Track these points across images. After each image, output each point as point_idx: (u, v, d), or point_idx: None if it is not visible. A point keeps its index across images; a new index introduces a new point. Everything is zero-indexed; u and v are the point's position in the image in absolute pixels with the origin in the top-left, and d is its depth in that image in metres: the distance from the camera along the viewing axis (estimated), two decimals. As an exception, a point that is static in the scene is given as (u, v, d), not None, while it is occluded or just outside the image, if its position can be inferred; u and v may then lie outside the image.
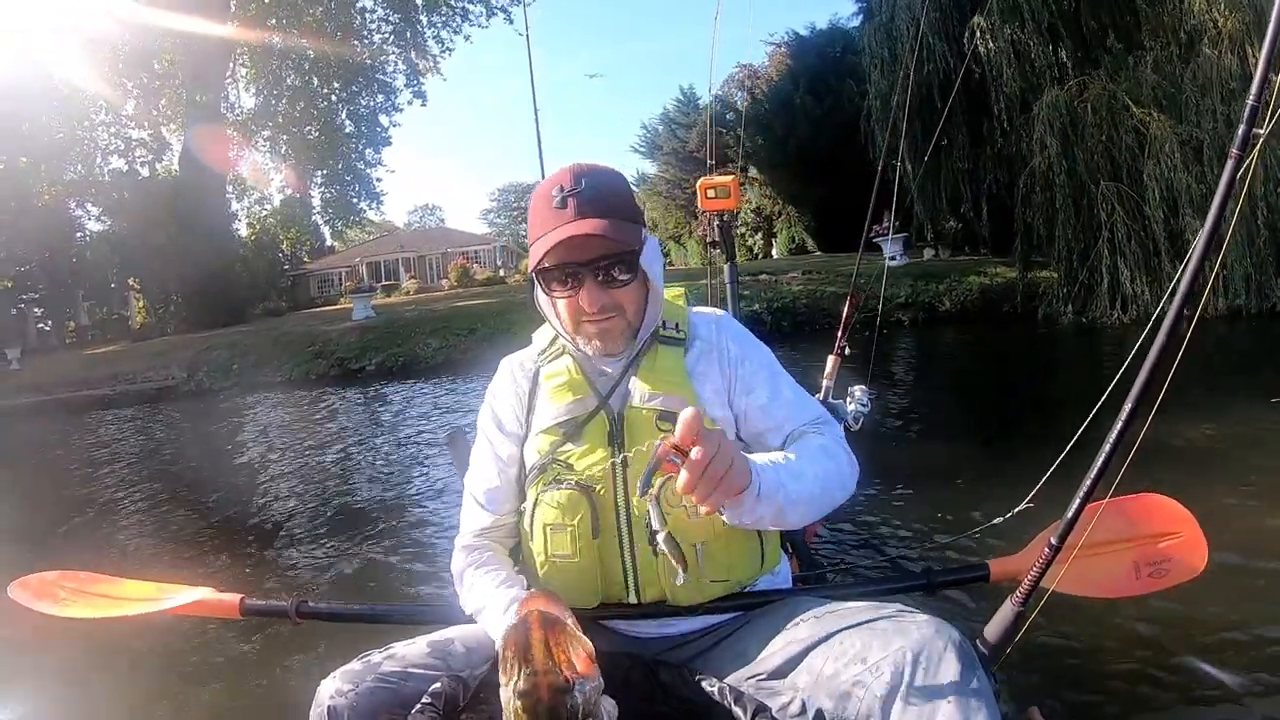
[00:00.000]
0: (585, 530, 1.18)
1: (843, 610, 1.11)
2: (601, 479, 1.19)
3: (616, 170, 1.26)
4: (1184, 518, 1.37)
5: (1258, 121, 1.08)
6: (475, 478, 1.32)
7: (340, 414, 9.68)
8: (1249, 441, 3.69)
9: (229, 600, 1.54)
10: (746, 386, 1.28)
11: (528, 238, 1.25)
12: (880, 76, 12.69)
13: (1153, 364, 1.13)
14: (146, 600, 1.59)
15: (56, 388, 15.20)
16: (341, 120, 24.31)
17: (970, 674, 0.94)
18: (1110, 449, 1.17)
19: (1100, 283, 9.54)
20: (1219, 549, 1.40)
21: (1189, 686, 1.95)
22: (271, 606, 1.55)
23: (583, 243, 1.15)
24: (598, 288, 1.18)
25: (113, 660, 2.77)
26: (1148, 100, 9.16)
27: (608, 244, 1.16)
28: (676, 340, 1.28)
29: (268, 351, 14.28)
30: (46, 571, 1.65)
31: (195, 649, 2.85)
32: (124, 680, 2.73)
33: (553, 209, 1.18)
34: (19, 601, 1.58)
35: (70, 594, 1.61)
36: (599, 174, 1.21)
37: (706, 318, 1.36)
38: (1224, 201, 1.10)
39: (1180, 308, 1.12)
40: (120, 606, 1.59)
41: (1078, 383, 6.68)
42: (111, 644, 2.76)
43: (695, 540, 1.16)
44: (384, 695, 1.06)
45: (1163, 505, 1.40)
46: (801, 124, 19.29)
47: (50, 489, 6.95)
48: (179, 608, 1.55)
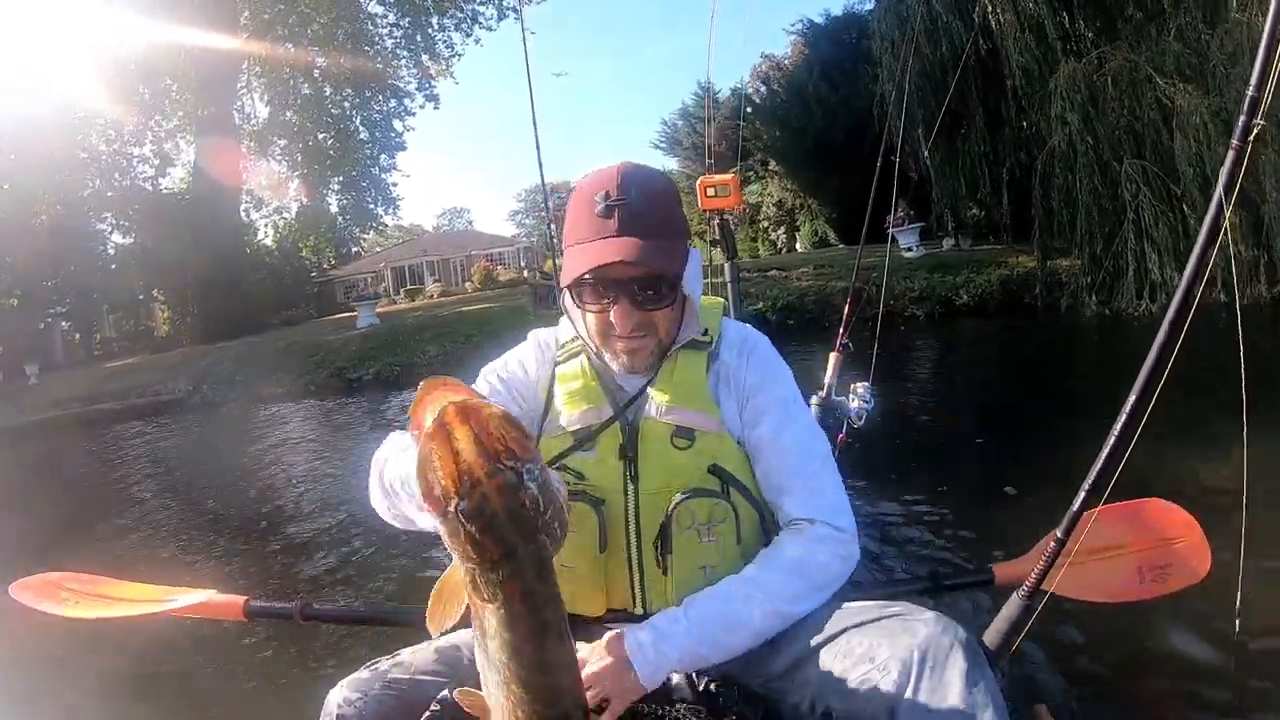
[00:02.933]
0: (592, 542, 1.14)
1: (849, 610, 1.09)
2: (612, 491, 1.16)
3: (666, 177, 1.22)
4: (1187, 523, 1.38)
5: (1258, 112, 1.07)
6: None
7: (330, 424, 9.65)
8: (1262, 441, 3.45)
9: (233, 601, 1.52)
10: (753, 420, 1.20)
11: (564, 239, 1.18)
12: (892, 60, 11.97)
13: (1152, 365, 1.13)
14: (150, 602, 1.57)
15: (70, 403, 15.39)
16: (355, 126, 24.28)
17: (977, 672, 0.93)
18: (1111, 452, 1.19)
19: (1126, 270, 8.79)
20: (1223, 550, 1.38)
21: (1192, 687, 1.94)
22: (276, 608, 1.54)
23: (623, 263, 1.09)
24: (634, 309, 1.13)
25: (114, 662, 2.77)
26: (1171, 71, 8.37)
27: (650, 267, 1.10)
28: (702, 344, 1.22)
29: (271, 362, 14.27)
30: (49, 573, 1.63)
31: (198, 651, 2.87)
32: (126, 682, 2.74)
33: (595, 215, 1.11)
34: (21, 602, 1.57)
35: (73, 595, 1.59)
36: (648, 183, 1.15)
37: (735, 337, 1.27)
38: (1224, 195, 1.09)
39: (1180, 307, 1.11)
40: (123, 608, 1.57)
41: (1095, 380, 6.28)
42: (113, 646, 2.73)
43: (705, 563, 1.14)
44: (392, 704, 1.05)
45: (1166, 510, 1.40)
46: (817, 114, 18.58)
47: (50, 502, 7.11)
48: (182, 609, 1.54)
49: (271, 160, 24.28)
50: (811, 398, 2.20)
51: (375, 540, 3.96)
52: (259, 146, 23.77)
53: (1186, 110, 8.06)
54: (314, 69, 22.30)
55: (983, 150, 11.50)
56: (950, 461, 4.34)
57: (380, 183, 25.07)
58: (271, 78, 22.65)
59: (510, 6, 22.79)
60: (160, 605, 1.55)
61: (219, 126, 21.55)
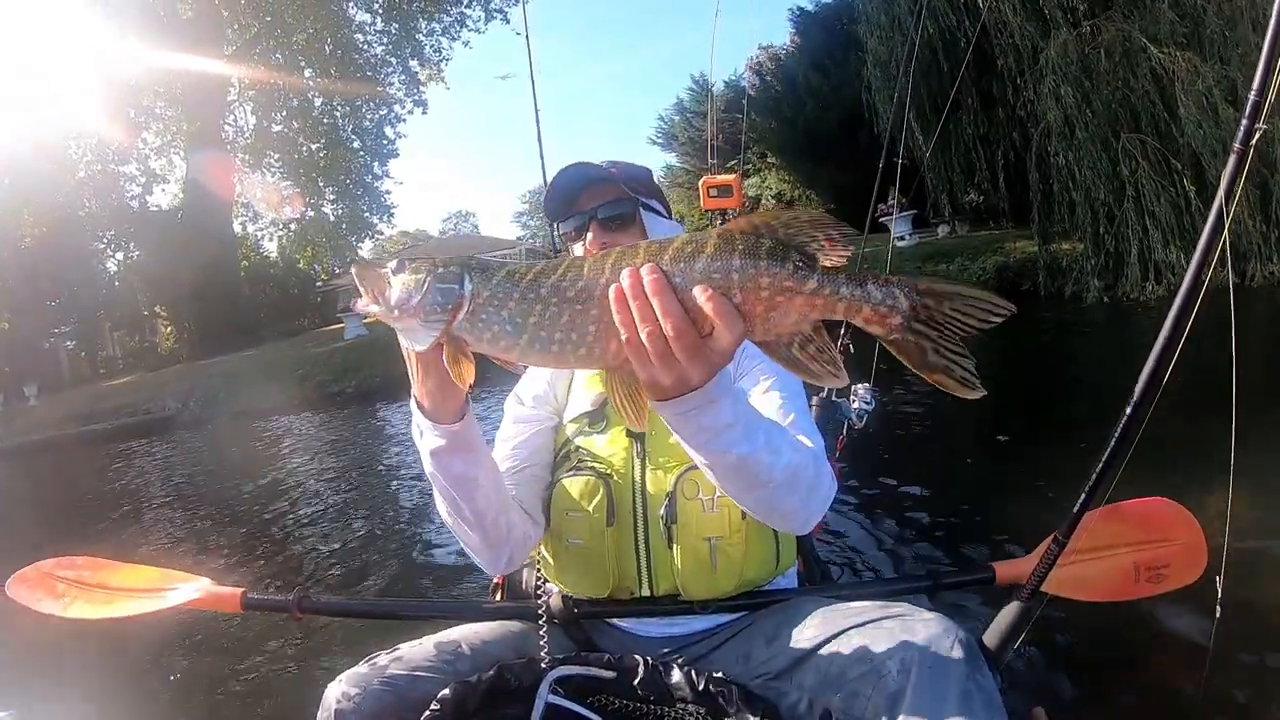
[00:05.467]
0: (600, 517, 1.19)
1: (849, 610, 1.09)
2: (621, 467, 1.21)
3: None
4: (1186, 522, 1.37)
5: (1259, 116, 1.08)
6: (496, 453, 1.30)
7: (316, 437, 9.62)
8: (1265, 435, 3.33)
9: (230, 594, 1.50)
10: (743, 370, 1.28)
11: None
12: (879, 44, 11.59)
13: (1152, 367, 1.16)
14: (147, 592, 1.57)
15: (65, 423, 15.28)
16: (347, 135, 24.07)
17: (976, 673, 0.93)
18: (1111, 452, 1.20)
19: (1129, 251, 8.36)
20: (1216, 553, 1.37)
21: (1191, 688, 1.91)
22: (273, 601, 1.52)
23: (586, 193, 1.30)
24: (601, 230, 1.28)
25: (111, 655, 2.75)
26: (1166, 38, 7.91)
27: (609, 190, 1.29)
28: None
29: (258, 377, 14.11)
30: (42, 561, 1.62)
31: (195, 644, 2.87)
32: (122, 675, 2.73)
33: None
34: (19, 600, 1.56)
35: (69, 585, 1.59)
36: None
37: None
38: (1225, 201, 1.09)
39: (1179, 312, 1.14)
40: (120, 601, 1.57)
41: (1101, 370, 6.07)
42: (109, 638, 2.67)
43: (710, 535, 1.17)
44: (391, 699, 1.05)
45: (1166, 509, 1.39)
46: (809, 103, 18.11)
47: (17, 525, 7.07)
48: (179, 604, 1.52)
49: (266, 172, 24.13)
50: (812, 398, 2.16)
51: (373, 535, 4.07)
52: (253, 159, 23.62)
53: (1185, 79, 7.61)
54: (302, 80, 22.09)
55: (978, 132, 11.08)
56: (951, 461, 4.33)
57: (374, 191, 24.85)
58: (260, 90, 22.46)
59: (496, 9, 22.55)
60: (157, 600, 1.54)
61: (209, 141, 21.43)
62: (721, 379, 0.85)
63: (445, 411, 0.99)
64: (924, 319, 0.75)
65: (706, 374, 0.81)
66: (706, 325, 0.77)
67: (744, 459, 0.92)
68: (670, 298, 0.75)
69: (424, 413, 1.00)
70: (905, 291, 0.75)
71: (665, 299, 0.75)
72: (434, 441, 1.01)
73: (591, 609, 1.25)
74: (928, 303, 0.76)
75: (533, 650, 1.17)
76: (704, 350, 0.78)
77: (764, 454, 0.94)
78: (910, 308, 0.75)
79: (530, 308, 0.81)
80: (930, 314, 0.76)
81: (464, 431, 1.01)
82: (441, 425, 1.00)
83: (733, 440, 0.90)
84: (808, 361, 0.78)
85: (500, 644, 1.20)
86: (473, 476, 1.06)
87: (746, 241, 0.75)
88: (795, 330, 0.77)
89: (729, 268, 0.75)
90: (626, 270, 0.77)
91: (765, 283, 0.74)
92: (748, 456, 0.92)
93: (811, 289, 0.74)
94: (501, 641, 1.22)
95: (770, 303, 0.75)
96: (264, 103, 22.71)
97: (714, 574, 1.17)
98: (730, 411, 0.88)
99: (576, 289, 0.80)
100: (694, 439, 0.90)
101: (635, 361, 0.79)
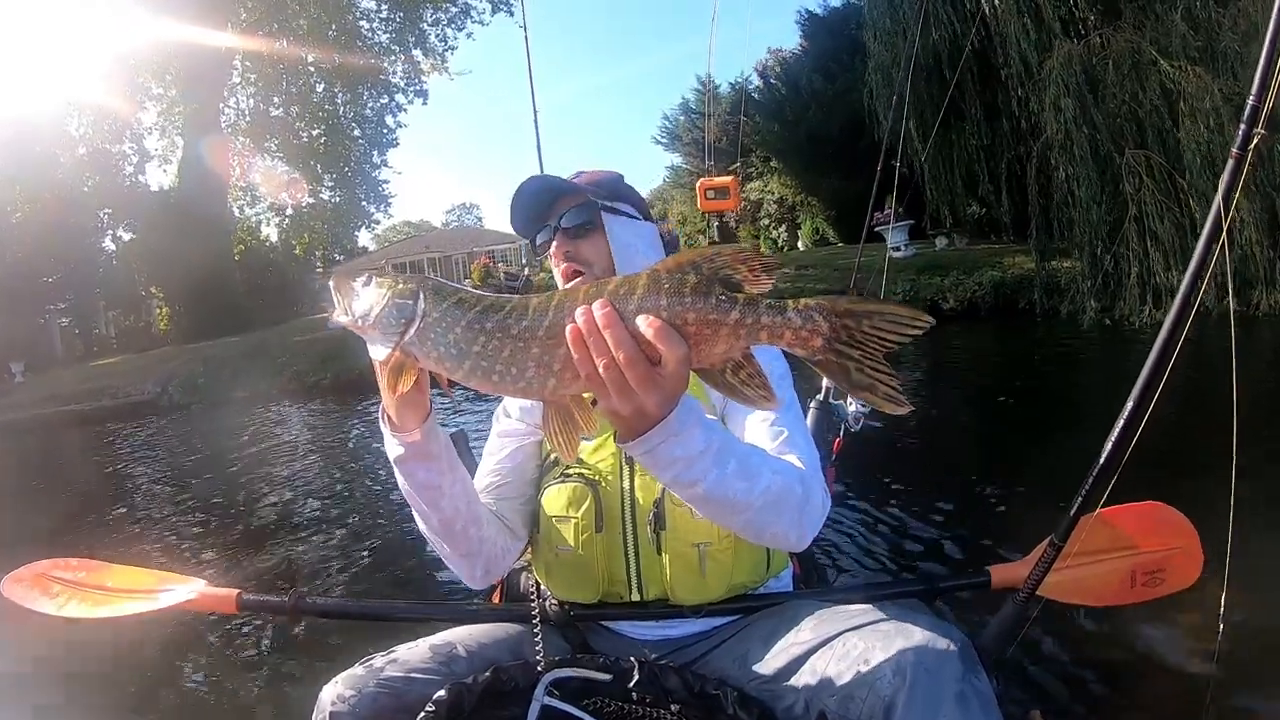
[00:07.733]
0: (589, 523, 1.20)
1: (845, 613, 1.10)
2: (609, 473, 1.22)
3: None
4: (1182, 527, 1.36)
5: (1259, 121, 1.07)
6: (481, 468, 1.33)
7: (296, 427, 9.54)
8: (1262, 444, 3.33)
9: (226, 595, 1.49)
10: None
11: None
12: (881, 48, 11.24)
13: (1151, 371, 1.15)
14: (142, 593, 1.55)
15: (45, 403, 15.04)
16: (348, 123, 23.87)
17: (972, 676, 0.93)
18: (1108, 457, 1.20)
19: (1128, 272, 8.01)
20: (1214, 556, 1.37)
21: (1189, 690, 1.92)
22: (269, 602, 1.50)
23: (551, 206, 1.28)
24: (562, 238, 1.27)
25: (105, 656, 2.72)
26: (1178, 52, 7.56)
27: (571, 199, 1.27)
28: None
29: (239, 365, 13.88)
30: (37, 561, 1.60)
31: (190, 645, 2.85)
32: (116, 677, 2.70)
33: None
34: (14, 600, 1.53)
35: (65, 586, 1.57)
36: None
37: None
38: (1224, 204, 1.09)
39: (1178, 315, 1.13)
40: (116, 602, 1.55)
41: (1096, 389, 6.09)
42: (104, 639, 2.61)
43: (698, 541, 1.17)
44: (386, 701, 1.05)
45: (1162, 514, 1.38)
46: (812, 108, 17.79)
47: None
48: (175, 604, 1.50)
49: (266, 156, 23.94)
50: (810, 401, 2.15)
51: (370, 537, 4.06)
52: (253, 143, 23.43)
53: (1195, 94, 7.26)
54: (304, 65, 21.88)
55: (981, 142, 10.74)
56: (947, 464, 4.32)
57: (372, 180, 24.66)
58: (261, 74, 22.26)
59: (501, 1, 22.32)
60: (153, 601, 1.53)
61: (207, 122, 21.22)
62: (685, 410, 0.86)
63: (408, 420, 1.01)
64: (845, 339, 0.77)
65: (661, 401, 0.82)
66: (654, 353, 0.79)
67: (714, 486, 0.92)
68: (621, 330, 0.77)
69: (388, 421, 1.03)
70: (824, 314, 0.78)
71: (616, 331, 0.77)
72: (395, 449, 1.05)
73: (586, 612, 1.26)
74: (847, 323, 0.77)
75: (528, 653, 1.19)
76: (655, 377, 0.80)
77: (736, 480, 0.94)
78: (830, 329, 0.77)
79: (475, 337, 0.85)
80: (850, 333, 0.77)
81: (424, 442, 1.03)
82: (400, 434, 1.03)
83: (704, 470, 0.91)
84: (740, 386, 0.81)
85: (496, 646, 1.21)
86: (436, 485, 1.08)
87: (672, 280, 0.78)
88: (726, 358, 0.81)
89: (658, 305, 0.78)
90: (580, 309, 0.79)
91: (691, 317, 0.78)
92: (717, 484, 0.92)
93: (735, 319, 0.78)
94: (497, 644, 1.23)
95: (699, 335, 0.78)
96: (264, 86, 22.51)
97: (703, 579, 1.18)
98: (701, 439, 0.89)
99: (520, 327, 0.83)
100: (666, 473, 0.90)
101: (597, 395, 0.82)
